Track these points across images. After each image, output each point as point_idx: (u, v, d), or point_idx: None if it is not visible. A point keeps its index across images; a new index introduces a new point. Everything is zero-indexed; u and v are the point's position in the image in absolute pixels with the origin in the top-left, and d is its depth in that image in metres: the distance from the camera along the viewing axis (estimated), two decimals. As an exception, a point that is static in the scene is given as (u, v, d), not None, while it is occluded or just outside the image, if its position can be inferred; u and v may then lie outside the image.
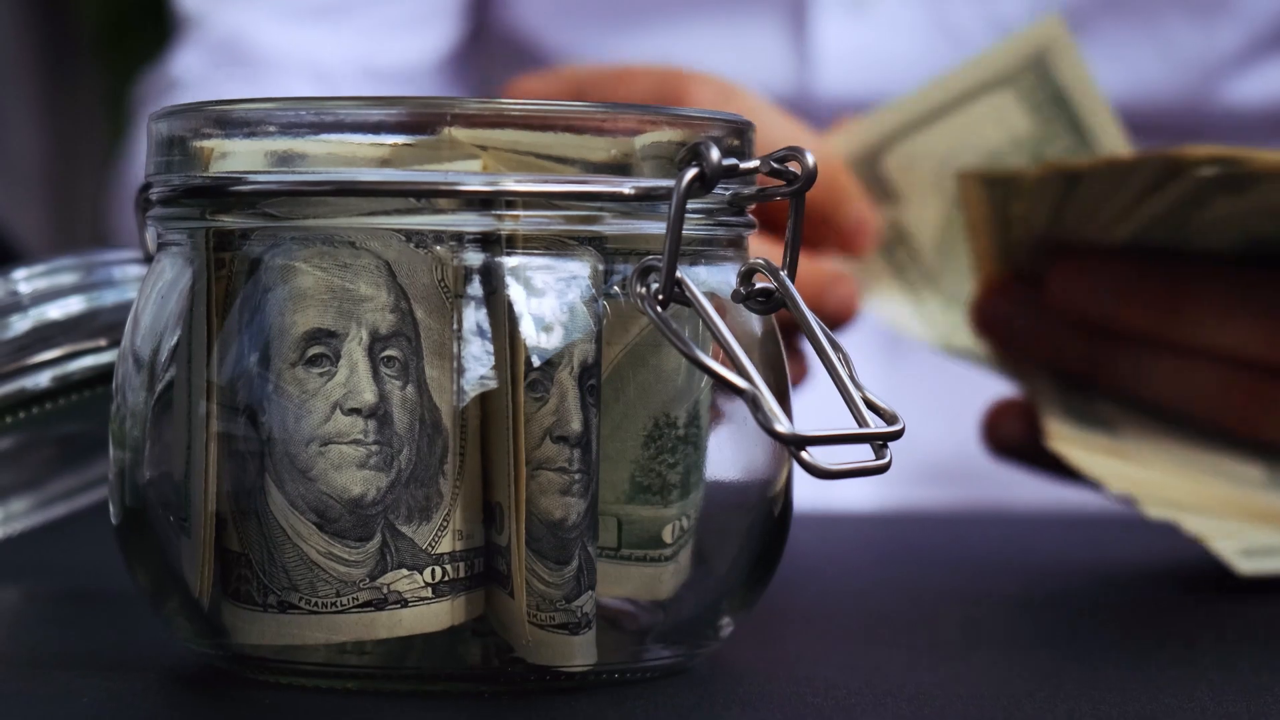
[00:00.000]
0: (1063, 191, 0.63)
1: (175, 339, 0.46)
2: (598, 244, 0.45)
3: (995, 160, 0.68)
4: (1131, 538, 0.72)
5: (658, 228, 0.44)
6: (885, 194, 0.68)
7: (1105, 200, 0.63)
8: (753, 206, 0.47)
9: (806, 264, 0.66)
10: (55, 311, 0.54)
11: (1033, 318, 0.68)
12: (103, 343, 0.54)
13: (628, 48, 1.01)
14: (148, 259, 0.48)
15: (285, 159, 0.45)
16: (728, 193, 0.46)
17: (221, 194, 0.45)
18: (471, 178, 0.44)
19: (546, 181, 0.44)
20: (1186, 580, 0.67)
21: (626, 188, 0.44)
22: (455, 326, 0.44)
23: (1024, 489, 0.73)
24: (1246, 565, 0.61)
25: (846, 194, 0.67)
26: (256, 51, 1.04)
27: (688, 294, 0.44)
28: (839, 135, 0.69)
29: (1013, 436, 0.68)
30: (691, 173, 0.44)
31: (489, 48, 1.09)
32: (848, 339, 0.67)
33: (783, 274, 0.45)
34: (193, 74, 1.04)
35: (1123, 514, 0.70)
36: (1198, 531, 0.61)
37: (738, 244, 0.47)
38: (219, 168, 0.45)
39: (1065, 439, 0.65)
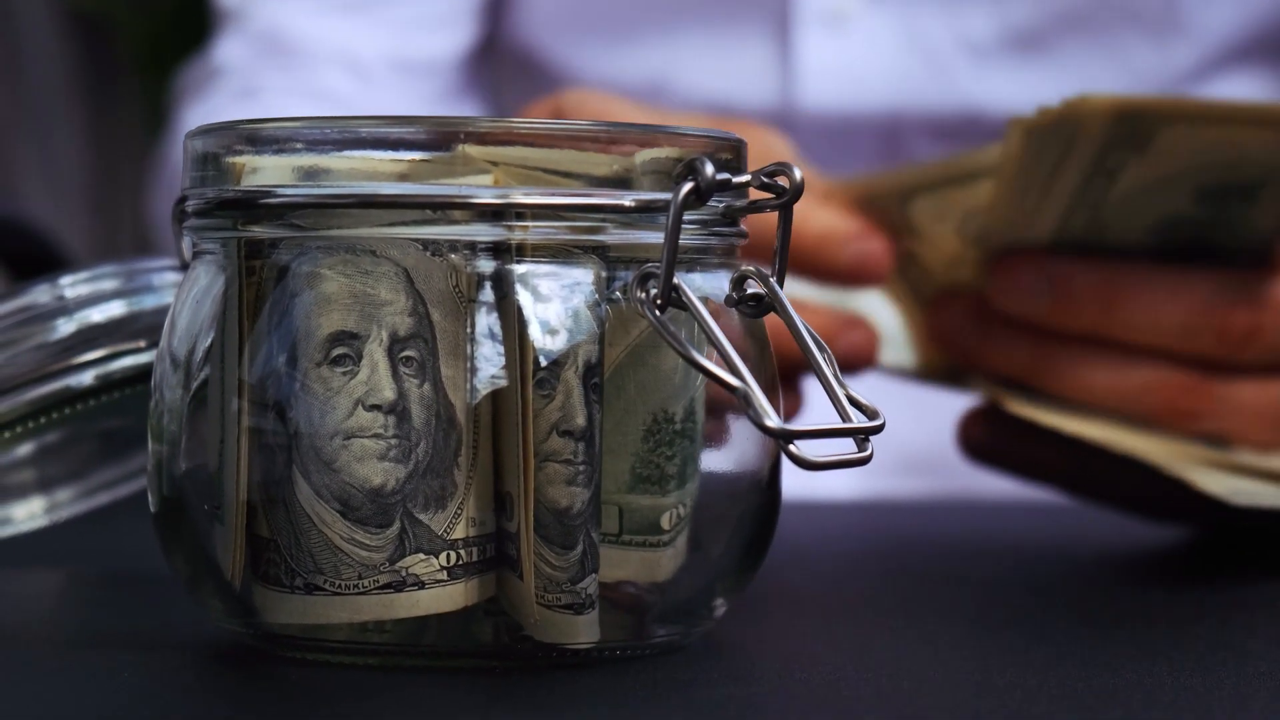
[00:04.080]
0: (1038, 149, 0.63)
1: (209, 340, 0.45)
2: (601, 252, 0.45)
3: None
4: (1095, 524, 0.72)
5: (656, 237, 0.44)
6: (908, 230, 0.67)
7: (1041, 172, 0.63)
8: (745, 218, 0.47)
9: (815, 311, 0.66)
10: (98, 315, 0.54)
11: (978, 325, 0.67)
12: (142, 344, 0.54)
13: (623, 61, 1.01)
14: (184, 266, 0.48)
15: (311, 174, 0.45)
16: (721, 205, 0.46)
17: (252, 206, 0.45)
18: (483, 191, 0.44)
19: (553, 195, 0.44)
20: (1147, 564, 0.67)
21: (627, 200, 0.44)
22: (469, 329, 0.44)
23: (994, 480, 0.72)
24: (1239, 499, 0.60)
25: (834, 239, 0.66)
26: (294, 42, 1.03)
27: (684, 299, 0.44)
28: (865, 178, 0.68)
29: (984, 440, 0.68)
30: (688, 186, 0.44)
31: (498, 57, 1.09)
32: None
33: (772, 280, 0.45)
34: (234, 63, 1.04)
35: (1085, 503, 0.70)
36: (1181, 475, 0.61)
37: (730, 252, 0.47)
38: (249, 182, 0.45)
39: (1023, 406, 0.65)
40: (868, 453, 0.43)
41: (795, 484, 0.54)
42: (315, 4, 1.04)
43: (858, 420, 0.44)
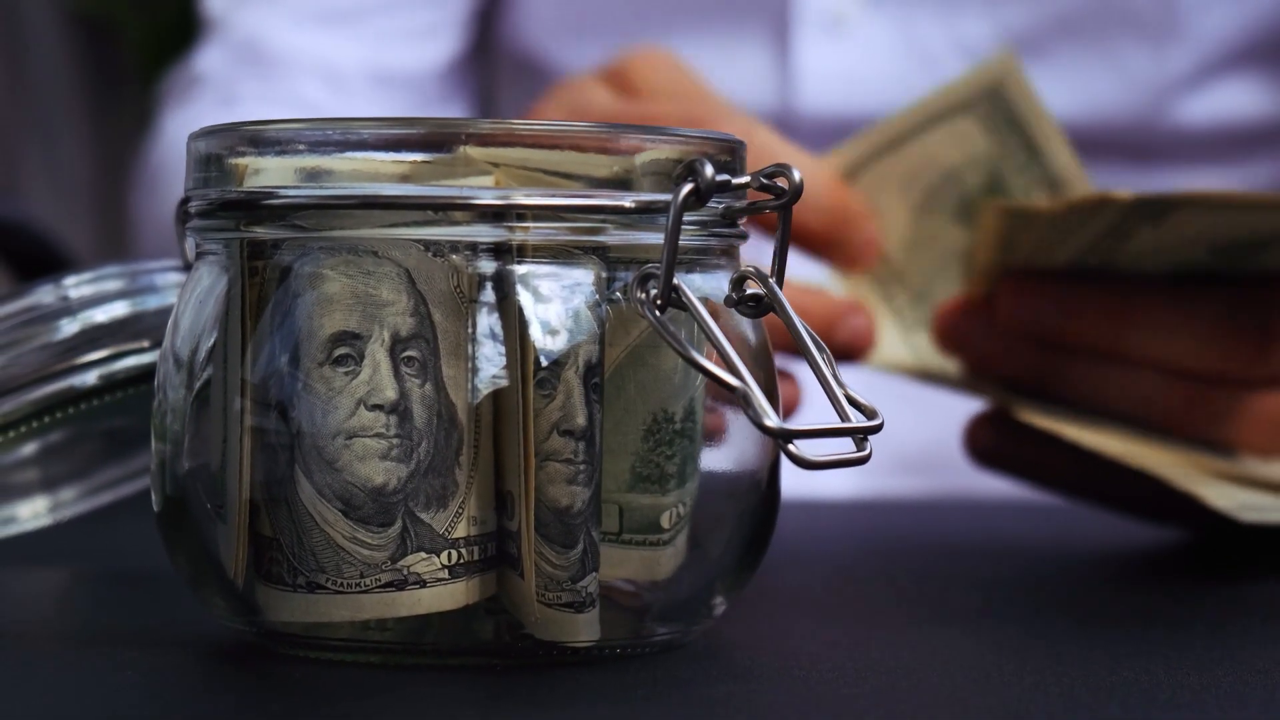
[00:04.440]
0: (1046, 224, 0.63)
1: (212, 341, 0.45)
2: (601, 253, 0.44)
3: (954, 177, 0.68)
4: (1092, 524, 0.72)
5: (656, 238, 0.44)
6: None
7: (1051, 233, 0.63)
8: (744, 219, 0.47)
9: (819, 296, 0.66)
10: (101, 315, 0.54)
11: (986, 333, 0.67)
12: (145, 344, 0.54)
13: None
14: (187, 267, 0.48)
15: (313, 175, 0.44)
16: (721, 206, 0.46)
17: (254, 207, 0.45)
18: (484, 192, 0.44)
19: (554, 196, 0.44)
20: (1144, 563, 0.67)
21: (627, 201, 0.44)
22: (470, 329, 0.44)
23: (992, 480, 0.72)
24: (1247, 516, 0.60)
25: (855, 214, 0.66)
26: (273, 52, 1.04)
27: (684, 299, 0.44)
28: (833, 160, 0.69)
29: (990, 445, 0.67)
30: (687, 188, 0.44)
31: (493, 59, 1.09)
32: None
33: (771, 280, 0.45)
34: (214, 71, 1.04)
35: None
36: (1191, 489, 0.61)
37: (730, 253, 0.47)
38: (252, 183, 0.45)
39: (1035, 415, 0.65)
40: (866, 452, 0.43)
41: (794, 483, 0.54)
42: (295, 15, 1.05)
43: (856, 420, 0.44)
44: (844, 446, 0.43)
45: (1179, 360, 0.65)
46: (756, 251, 0.49)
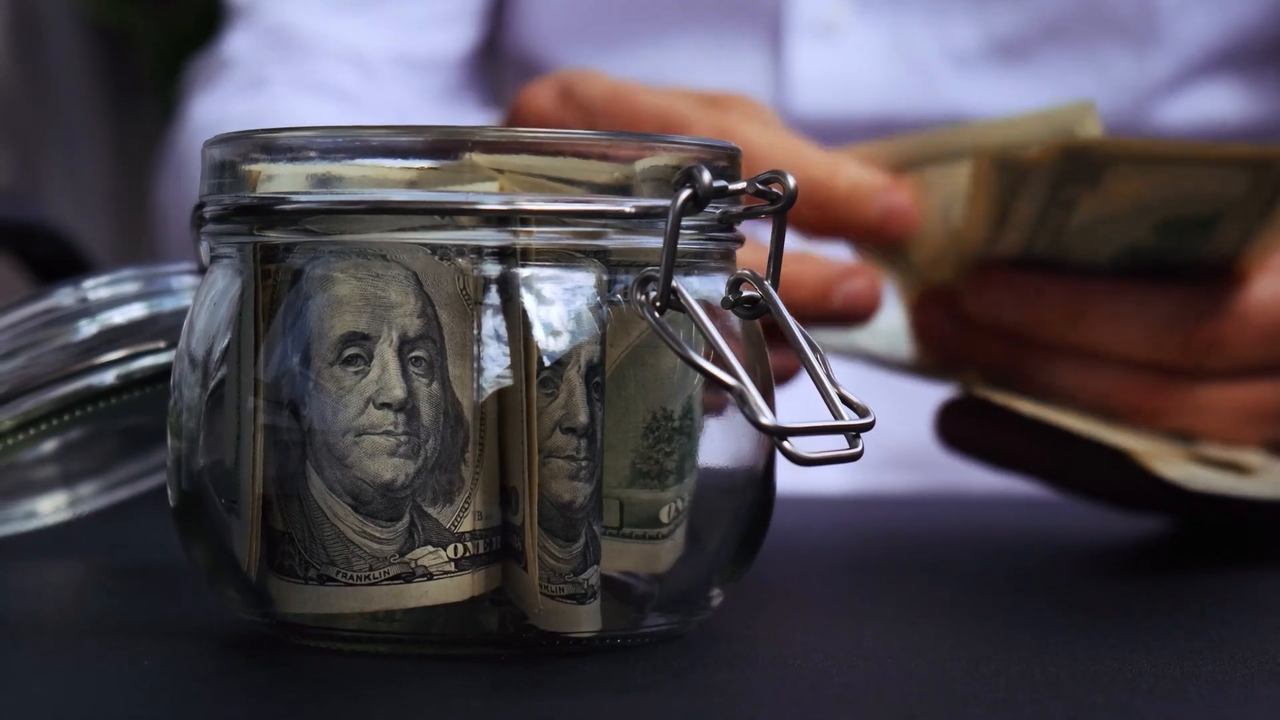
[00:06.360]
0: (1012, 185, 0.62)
1: (226, 341, 0.45)
2: (602, 257, 0.45)
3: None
4: (1078, 518, 0.72)
5: (656, 242, 0.44)
6: None
7: (1002, 198, 0.63)
8: (740, 223, 0.47)
9: (812, 262, 0.64)
10: (119, 317, 0.54)
11: (957, 324, 0.67)
12: (161, 344, 0.54)
13: (620, 67, 1.01)
14: (201, 270, 0.48)
15: (324, 181, 0.44)
16: (718, 211, 0.46)
17: (267, 212, 0.45)
18: (490, 198, 0.44)
19: (557, 201, 0.44)
20: (1128, 556, 0.67)
21: (628, 207, 0.44)
22: (475, 330, 0.44)
23: (980, 475, 0.72)
24: (1195, 484, 0.60)
25: (864, 191, 0.64)
26: (301, 37, 1.03)
27: (682, 301, 0.44)
28: (874, 146, 0.67)
29: (959, 430, 0.67)
30: (686, 193, 0.44)
31: (499, 60, 1.09)
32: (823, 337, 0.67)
33: (767, 283, 0.45)
34: (242, 55, 1.04)
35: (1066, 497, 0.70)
36: (1143, 461, 0.61)
37: (727, 256, 0.47)
38: (265, 189, 0.45)
39: (994, 394, 0.64)
40: (859, 449, 0.43)
41: (789, 479, 0.54)
42: (323, 2, 1.04)
43: (849, 417, 0.44)
44: (837, 443, 0.43)
45: (1135, 353, 0.65)
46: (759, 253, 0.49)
